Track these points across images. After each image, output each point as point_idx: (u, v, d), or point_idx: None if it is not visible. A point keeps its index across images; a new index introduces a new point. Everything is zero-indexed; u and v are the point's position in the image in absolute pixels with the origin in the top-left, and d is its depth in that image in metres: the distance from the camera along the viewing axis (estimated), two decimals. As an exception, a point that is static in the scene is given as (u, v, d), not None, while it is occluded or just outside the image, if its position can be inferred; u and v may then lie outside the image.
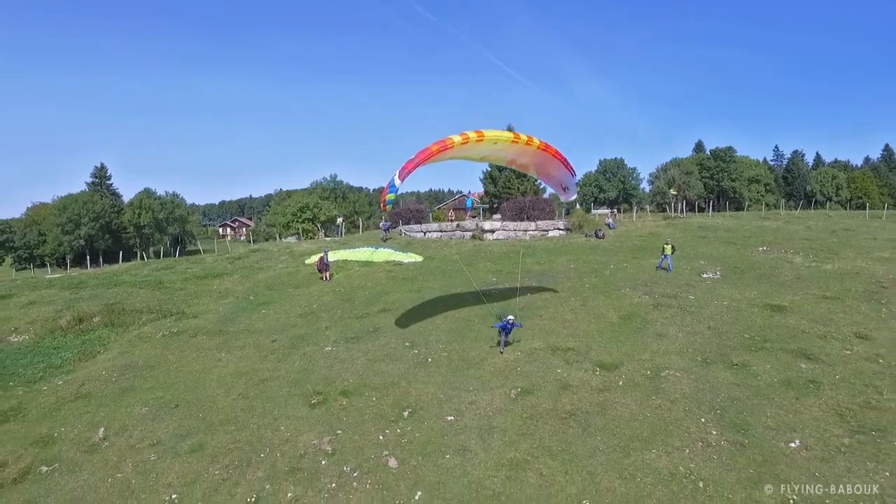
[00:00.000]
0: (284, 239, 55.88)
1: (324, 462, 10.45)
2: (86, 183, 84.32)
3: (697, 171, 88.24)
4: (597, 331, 15.97)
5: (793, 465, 9.26)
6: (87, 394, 14.54)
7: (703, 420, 10.77)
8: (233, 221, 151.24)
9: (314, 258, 29.37)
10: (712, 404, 11.31)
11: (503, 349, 14.76)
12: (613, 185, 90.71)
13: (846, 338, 14.27)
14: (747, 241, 29.09)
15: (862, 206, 66.09)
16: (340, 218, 60.42)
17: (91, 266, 56.39)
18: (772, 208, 70.32)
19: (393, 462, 10.29)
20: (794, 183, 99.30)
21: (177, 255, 52.87)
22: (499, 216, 40.42)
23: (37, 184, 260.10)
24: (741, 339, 14.61)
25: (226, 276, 28.81)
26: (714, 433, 10.30)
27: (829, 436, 9.99)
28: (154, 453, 11.24)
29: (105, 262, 66.06)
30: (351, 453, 10.65)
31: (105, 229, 78.75)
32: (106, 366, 16.56)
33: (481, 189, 58.57)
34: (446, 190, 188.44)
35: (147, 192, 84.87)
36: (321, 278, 26.14)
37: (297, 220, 67.72)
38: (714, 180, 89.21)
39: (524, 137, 14.25)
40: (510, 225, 36.03)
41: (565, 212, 41.07)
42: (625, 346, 14.62)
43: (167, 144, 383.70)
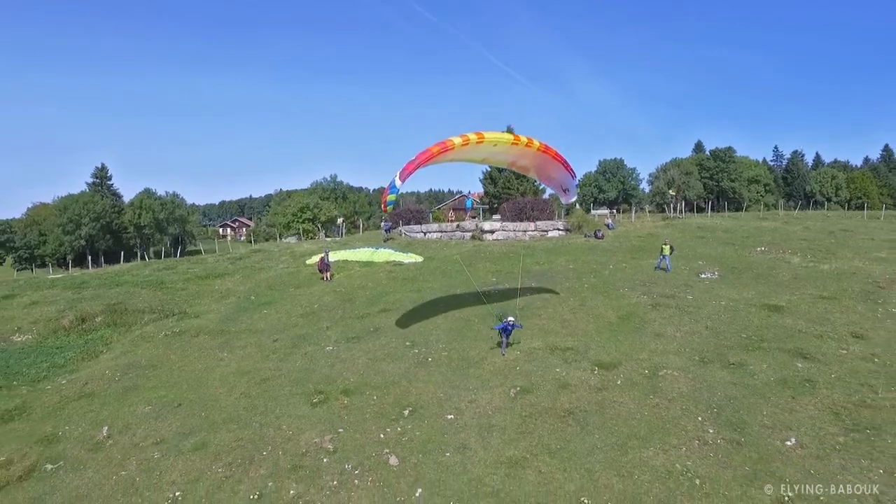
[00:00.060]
0: (285, 239, 56.01)
1: (325, 460, 10.57)
2: (86, 183, 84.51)
3: (697, 171, 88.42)
4: (595, 330, 16.08)
5: (788, 462, 9.37)
6: (91, 393, 14.68)
7: (699, 418, 10.88)
8: (233, 222, 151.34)
9: (315, 258, 29.52)
10: (709, 403, 11.42)
11: (504, 351, 14.68)
12: (613, 186, 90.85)
13: (842, 337, 14.38)
14: (745, 241, 29.22)
15: (861, 206, 66.19)
16: (341, 218, 60.62)
17: (92, 266, 56.53)
18: (771, 209, 70.38)
19: (394, 460, 10.42)
20: (793, 183, 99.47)
21: (177, 255, 52.98)
22: (498, 217, 40.53)
23: (37, 184, 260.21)
24: (738, 338, 14.73)
25: (227, 276, 28.94)
26: (711, 431, 10.42)
27: (825, 434, 10.11)
28: (158, 451, 11.37)
29: (106, 263, 66.14)
30: (352, 451, 10.78)
31: (106, 229, 78.88)
32: (109, 365, 16.70)
33: (481, 189, 58.78)
34: (446, 190, 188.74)
35: (147, 193, 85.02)
36: (322, 278, 26.27)
37: (297, 221, 67.91)
38: (713, 181, 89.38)
39: (524, 139, 14.30)
40: (510, 225, 36.12)
41: (565, 212, 41.17)
42: (623, 346, 14.73)
43: (167, 144, 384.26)
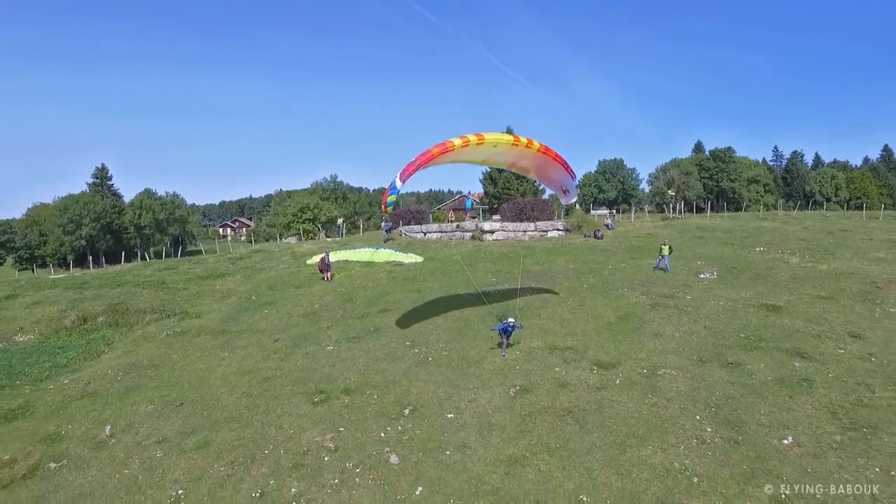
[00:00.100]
0: (285, 239, 56.11)
1: (326, 458, 10.65)
2: (87, 183, 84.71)
3: (697, 171, 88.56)
4: (594, 330, 16.17)
5: (785, 461, 9.45)
6: (93, 392, 14.77)
7: (698, 417, 10.97)
8: (233, 222, 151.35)
9: (315, 259, 29.61)
10: (707, 402, 11.51)
11: (504, 352, 14.70)
12: (613, 186, 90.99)
13: (840, 337, 14.47)
14: (744, 241, 29.32)
15: (861, 206, 66.27)
16: (341, 219, 60.71)
17: (93, 266, 56.62)
18: (770, 209, 70.47)
19: (394, 458, 10.50)
20: (793, 183, 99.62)
21: (178, 255, 53.07)
22: (498, 217, 40.64)
23: (37, 184, 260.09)
24: (736, 338, 14.82)
25: (228, 276, 29.03)
26: (709, 430, 10.50)
27: (822, 433, 10.18)
28: (160, 450, 11.45)
29: (106, 263, 66.27)
30: (353, 450, 10.86)
31: (106, 230, 79.05)
32: (111, 365, 16.79)
33: (481, 190, 58.89)
34: (446, 190, 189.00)
35: (148, 193, 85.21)
36: (322, 278, 26.36)
37: (297, 221, 67.98)
38: (713, 181, 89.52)
39: (524, 140, 14.34)
40: (509, 226, 36.20)
41: (564, 212, 41.27)
42: (622, 346, 14.82)
43: (167, 144, 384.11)
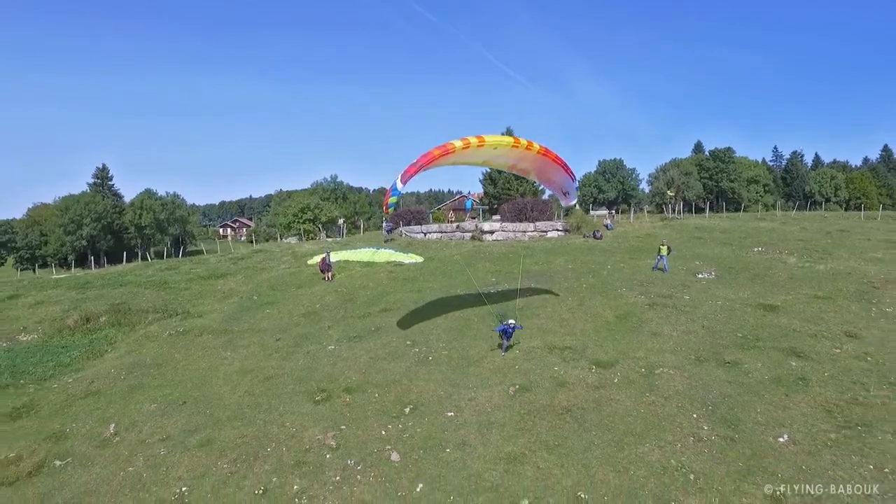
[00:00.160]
0: (285, 239, 56.28)
1: (328, 456, 10.79)
2: (87, 183, 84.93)
3: (696, 171, 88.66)
4: (593, 330, 16.29)
5: (781, 458, 9.56)
6: (97, 391, 14.91)
7: (695, 416, 11.09)
8: (233, 222, 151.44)
9: (316, 259, 29.76)
10: (704, 401, 11.63)
11: (504, 353, 14.78)
12: (612, 186, 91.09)
13: (836, 336, 14.58)
14: (743, 241, 29.45)
15: (860, 206, 66.37)
16: (341, 219, 60.86)
17: (94, 266, 56.76)
18: (770, 209, 70.62)
19: (395, 456, 10.64)
20: (792, 183, 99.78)
21: (179, 255, 53.22)
22: (498, 217, 40.76)
23: (38, 184, 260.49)
24: (734, 337, 14.94)
25: (229, 276, 29.17)
26: (705, 428, 10.62)
27: (817, 431, 10.28)
28: (164, 448, 11.59)
29: (108, 263, 66.37)
30: (354, 448, 10.99)
31: (107, 230, 79.20)
32: (114, 364, 16.93)
33: (481, 190, 59.05)
34: (446, 191, 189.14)
35: (148, 193, 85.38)
36: (323, 278, 26.50)
37: (297, 221, 68.11)
38: (713, 181, 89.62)
39: (524, 142, 14.41)
40: (509, 226, 36.31)
41: (564, 213, 41.39)
42: (620, 345, 14.93)
43: (167, 144, 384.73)
